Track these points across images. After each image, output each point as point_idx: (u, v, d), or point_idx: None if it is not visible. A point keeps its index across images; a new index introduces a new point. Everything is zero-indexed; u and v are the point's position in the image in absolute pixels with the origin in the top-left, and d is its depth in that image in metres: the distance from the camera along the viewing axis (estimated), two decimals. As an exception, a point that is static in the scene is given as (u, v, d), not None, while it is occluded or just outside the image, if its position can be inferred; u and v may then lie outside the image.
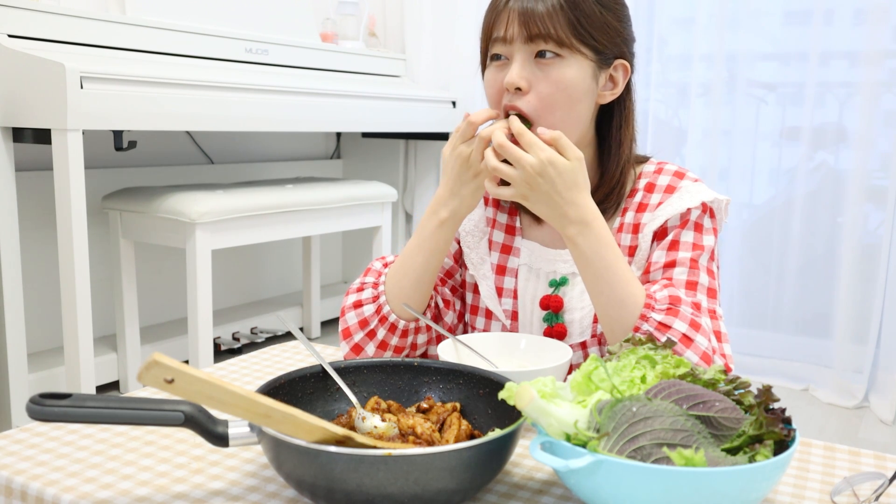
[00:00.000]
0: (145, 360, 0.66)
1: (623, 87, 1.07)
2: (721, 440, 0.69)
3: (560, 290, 1.11)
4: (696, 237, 1.04)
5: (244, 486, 0.77)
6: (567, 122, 1.02)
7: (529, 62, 1.01)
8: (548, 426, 0.69)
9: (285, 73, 2.81)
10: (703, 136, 3.01)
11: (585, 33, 1.00)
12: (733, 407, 0.70)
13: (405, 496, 0.67)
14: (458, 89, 3.40)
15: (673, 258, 1.03)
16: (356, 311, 1.08)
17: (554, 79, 1.00)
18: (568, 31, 0.99)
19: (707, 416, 0.69)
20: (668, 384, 0.71)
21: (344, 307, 1.10)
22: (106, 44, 2.26)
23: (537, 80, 1.00)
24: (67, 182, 1.96)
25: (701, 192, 1.06)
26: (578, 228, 0.95)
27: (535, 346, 1.03)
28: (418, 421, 0.81)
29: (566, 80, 1.00)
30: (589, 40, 1.01)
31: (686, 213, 1.05)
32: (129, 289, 2.47)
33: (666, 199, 1.07)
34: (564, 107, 1.01)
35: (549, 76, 1.00)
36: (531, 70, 1.01)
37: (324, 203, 2.68)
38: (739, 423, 0.69)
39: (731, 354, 1.01)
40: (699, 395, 0.70)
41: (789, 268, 2.94)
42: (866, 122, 2.73)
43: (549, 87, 1.00)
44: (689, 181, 1.09)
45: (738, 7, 2.89)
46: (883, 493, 0.77)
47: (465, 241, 1.18)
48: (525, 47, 1.00)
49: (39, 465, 0.80)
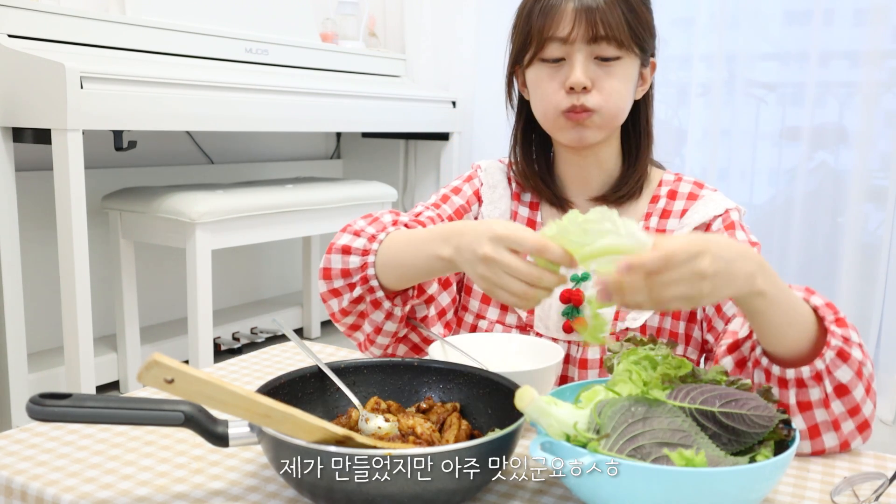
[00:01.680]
0: (145, 360, 0.66)
1: (650, 82, 1.12)
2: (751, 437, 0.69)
3: (581, 284, 1.11)
4: (748, 235, 1.07)
5: (244, 486, 0.77)
6: (622, 117, 1.07)
7: (591, 61, 1.03)
8: (548, 426, 0.69)
9: (285, 73, 2.81)
10: (703, 136, 3.01)
11: (638, 34, 1.04)
12: (765, 405, 0.70)
13: (405, 496, 0.67)
14: (458, 89, 3.40)
15: None
16: (343, 256, 1.02)
17: (615, 77, 1.04)
18: (626, 32, 1.02)
19: (740, 414, 0.69)
20: (694, 386, 0.71)
21: (333, 245, 1.03)
22: (106, 44, 2.26)
23: (599, 79, 1.03)
24: (67, 182, 1.96)
25: (723, 200, 1.10)
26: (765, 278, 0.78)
27: (527, 347, 1.03)
28: (418, 421, 0.81)
29: (625, 79, 1.05)
30: (640, 41, 1.05)
31: (725, 215, 1.08)
32: (129, 289, 2.47)
33: (690, 207, 1.10)
34: (623, 104, 1.06)
35: (611, 75, 1.04)
36: (593, 69, 1.03)
37: (324, 203, 2.68)
38: (771, 421, 0.69)
39: None
40: (730, 393, 0.70)
41: (789, 268, 2.93)
42: (866, 122, 2.73)
43: (611, 85, 1.04)
44: (708, 190, 1.13)
45: (738, 7, 2.89)
46: (883, 493, 0.76)
47: None
48: (586, 47, 1.03)
49: (39, 465, 0.80)
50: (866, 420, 0.88)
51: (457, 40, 3.38)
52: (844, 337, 0.85)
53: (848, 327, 0.86)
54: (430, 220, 1.11)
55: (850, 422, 0.87)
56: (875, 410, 0.89)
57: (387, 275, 1.00)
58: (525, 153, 1.17)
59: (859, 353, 0.85)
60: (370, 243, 1.01)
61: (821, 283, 2.90)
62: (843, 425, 0.87)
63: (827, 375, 0.84)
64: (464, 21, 3.34)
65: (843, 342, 0.84)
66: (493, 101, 3.30)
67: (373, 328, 1.05)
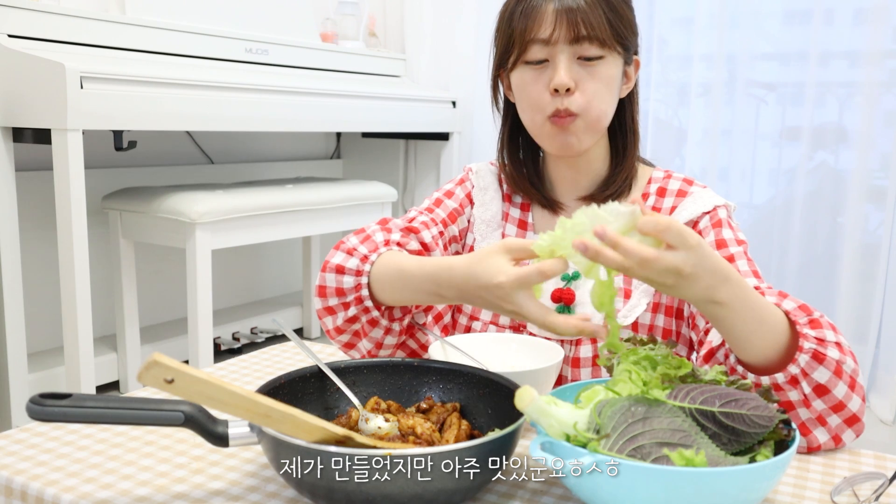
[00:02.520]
0: (145, 360, 0.66)
1: (635, 80, 1.12)
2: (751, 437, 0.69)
3: (572, 283, 1.11)
4: (735, 233, 1.06)
5: (244, 486, 0.77)
6: (606, 119, 1.07)
7: (574, 62, 1.03)
8: (548, 427, 0.69)
9: (285, 73, 2.81)
10: (703, 136, 3.01)
11: (620, 32, 1.04)
12: (765, 405, 0.70)
13: (405, 496, 0.67)
14: (458, 89, 3.40)
15: (729, 254, 1.03)
16: (337, 275, 1.02)
17: (598, 77, 1.04)
18: (608, 31, 1.02)
19: (740, 414, 0.69)
20: (694, 386, 0.71)
21: (327, 263, 1.03)
22: (106, 44, 2.26)
23: (582, 80, 1.03)
24: (67, 182, 1.96)
25: (712, 196, 1.09)
26: (727, 288, 0.80)
27: (527, 346, 1.03)
28: (418, 421, 0.81)
29: (608, 79, 1.04)
30: (622, 39, 1.04)
31: (713, 212, 1.07)
32: (129, 289, 2.47)
33: (679, 203, 1.10)
34: (606, 104, 1.06)
35: (594, 75, 1.03)
36: (577, 70, 1.03)
37: (324, 203, 2.68)
38: (771, 421, 0.69)
39: None
40: (730, 393, 0.70)
41: (789, 268, 2.93)
42: (866, 122, 2.73)
43: (594, 86, 1.04)
44: (697, 187, 1.12)
45: (738, 7, 2.89)
46: (883, 493, 0.77)
47: (478, 229, 1.18)
48: (569, 48, 1.02)
49: (39, 465, 0.80)
50: (854, 415, 0.88)
51: (457, 40, 3.38)
52: (818, 338, 0.85)
53: (823, 328, 0.86)
54: (424, 226, 1.11)
55: (834, 416, 0.87)
56: (864, 405, 0.89)
57: (382, 293, 1.00)
58: (512, 156, 1.18)
59: (836, 353, 0.85)
60: (363, 264, 1.01)
61: (821, 283, 2.90)
62: (828, 420, 0.87)
63: (803, 378, 0.85)
64: (464, 21, 3.34)
65: (818, 343, 0.85)
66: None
67: (373, 344, 1.06)
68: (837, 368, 0.85)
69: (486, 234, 1.18)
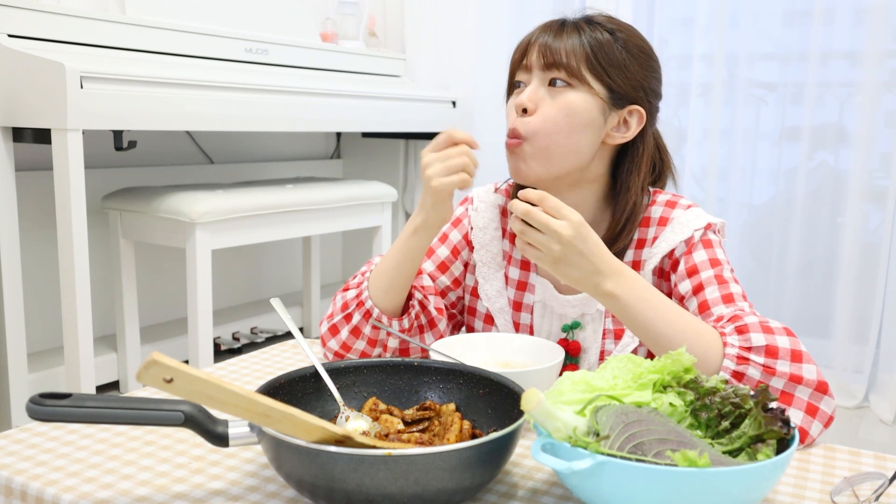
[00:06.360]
0: (144, 360, 0.66)
1: (635, 132, 1.09)
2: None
3: (574, 333, 1.13)
4: (710, 253, 1.05)
5: (244, 486, 0.77)
6: (562, 148, 1.05)
7: (542, 87, 1.06)
8: (554, 430, 0.69)
9: (285, 73, 2.81)
10: (703, 136, 3.01)
11: (600, 69, 1.05)
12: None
13: (405, 496, 0.67)
14: (458, 89, 3.40)
15: (698, 282, 1.03)
16: (341, 311, 1.12)
17: (559, 103, 1.05)
18: (583, 64, 1.04)
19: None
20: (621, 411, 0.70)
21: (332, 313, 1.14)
22: (106, 44, 2.26)
23: (543, 104, 1.05)
24: (67, 182, 1.96)
25: (691, 221, 1.08)
26: (615, 280, 0.92)
27: (527, 347, 1.03)
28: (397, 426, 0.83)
29: (570, 107, 1.05)
30: (602, 76, 1.05)
31: (689, 238, 1.07)
32: (129, 289, 2.47)
33: (660, 234, 1.09)
34: (563, 132, 1.05)
35: (556, 100, 1.05)
36: (542, 94, 1.06)
37: (324, 203, 2.68)
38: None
39: None
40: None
41: (789, 268, 2.94)
42: (866, 122, 2.73)
43: (552, 111, 1.05)
44: (680, 210, 1.10)
45: (738, 7, 2.89)
46: (883, 493, 0.76)
47: (480, 272, 1.19)
48: (541, 74, 1.06)
49: (39, 465, 0.80)
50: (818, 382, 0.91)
51: (457, 40, 3.38)
52: (738, 328, 0.91)
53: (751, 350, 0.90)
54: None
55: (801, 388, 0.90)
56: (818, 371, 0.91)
57: (378, 291, 1.08)
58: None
59: (756, 372, 0.89)
60: (361, 277, 1.12)
61: (821, 283, 2.90)
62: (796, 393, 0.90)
63: (748, 352, 0.90)
64: (464, 21, 3.34)
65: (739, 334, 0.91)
66: (493, 102, 3.30)
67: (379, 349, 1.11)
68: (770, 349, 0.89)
69: (488, 276, 1.19)
